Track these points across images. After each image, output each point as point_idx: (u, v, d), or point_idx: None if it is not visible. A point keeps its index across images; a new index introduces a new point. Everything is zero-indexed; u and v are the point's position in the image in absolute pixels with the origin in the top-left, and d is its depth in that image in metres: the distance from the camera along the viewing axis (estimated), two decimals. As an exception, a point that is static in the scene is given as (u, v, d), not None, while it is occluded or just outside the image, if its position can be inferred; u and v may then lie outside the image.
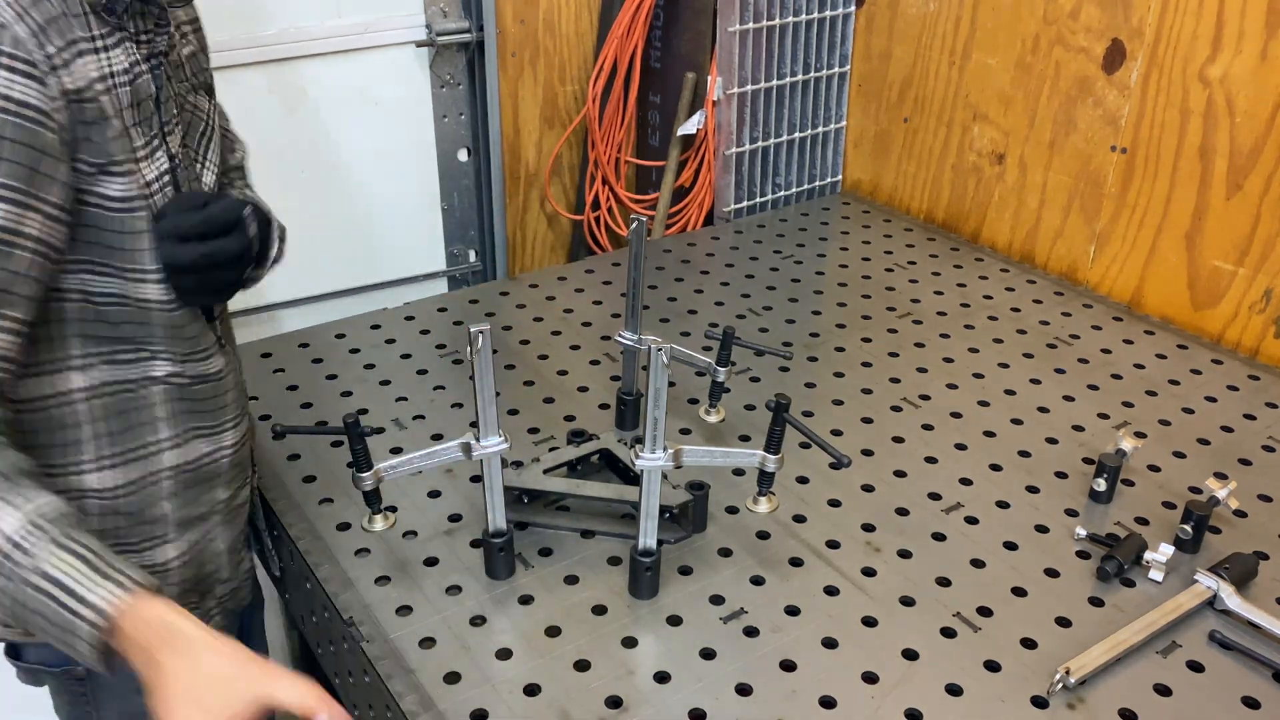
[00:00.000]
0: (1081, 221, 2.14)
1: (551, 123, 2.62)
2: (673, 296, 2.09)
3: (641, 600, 1.35)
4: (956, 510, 1.52)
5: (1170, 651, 1.29)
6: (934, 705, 1.21)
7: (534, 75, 2.54)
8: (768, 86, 2.46)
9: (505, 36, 2.45)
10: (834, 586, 1.38)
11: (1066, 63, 2.09)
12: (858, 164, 2.63)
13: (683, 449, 1.29)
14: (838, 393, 1.78)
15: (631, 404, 1.66)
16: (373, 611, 1.33)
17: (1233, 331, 1.95)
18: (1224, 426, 1.70)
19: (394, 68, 2.38)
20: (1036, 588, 1.38)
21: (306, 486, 1.55)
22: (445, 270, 2.62)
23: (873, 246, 2.31)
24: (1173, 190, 1.98)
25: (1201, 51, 1.87)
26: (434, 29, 2.36)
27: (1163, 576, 1.38)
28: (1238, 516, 1.51)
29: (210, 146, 1.27)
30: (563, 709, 1.19)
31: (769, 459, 1.37)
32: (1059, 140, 2.14)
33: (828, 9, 2.47)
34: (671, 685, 1.23)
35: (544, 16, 2.49)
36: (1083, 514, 1.51)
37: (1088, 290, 2.14)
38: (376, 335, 1.95)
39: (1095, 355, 1.90)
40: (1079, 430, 1.69)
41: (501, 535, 1.36)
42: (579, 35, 2.56)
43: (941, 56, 2.33)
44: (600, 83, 2.52)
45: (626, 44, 2.49)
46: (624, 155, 2.67)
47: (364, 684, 1.31)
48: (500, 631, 1.30)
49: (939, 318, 2.02)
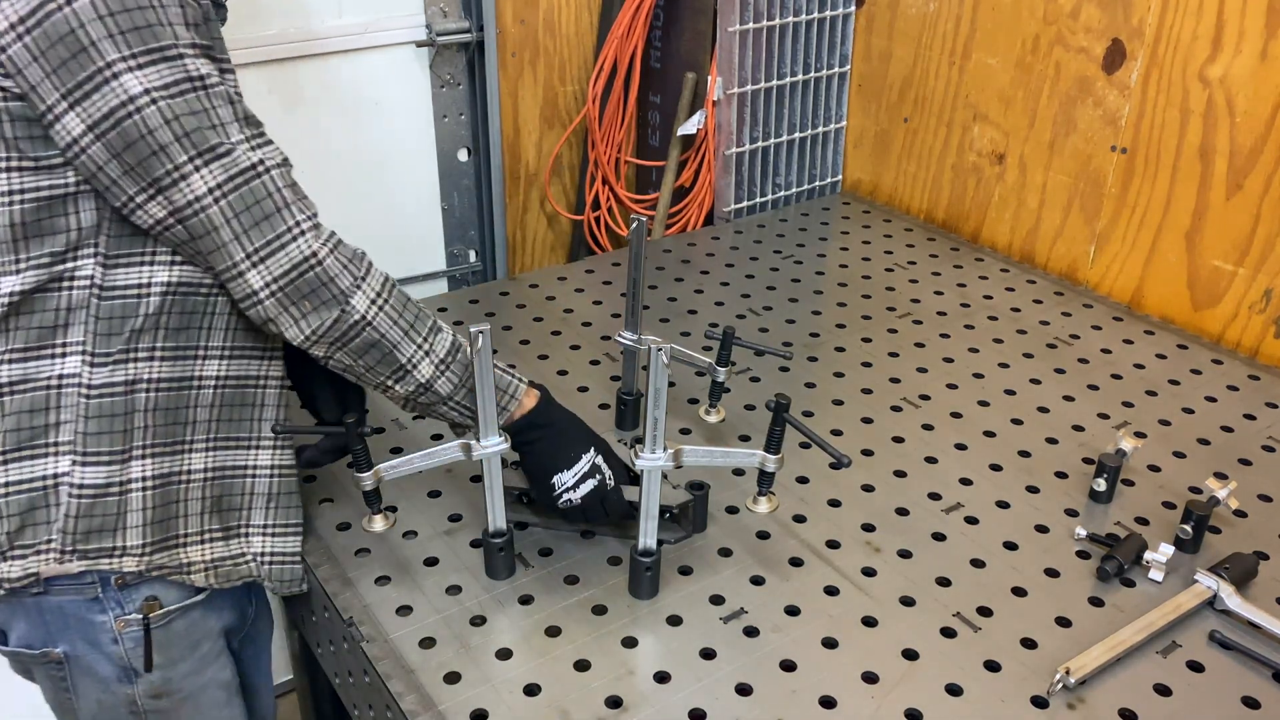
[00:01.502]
0: (1081, 221, 2.14)
1: (551, 123, 2.62)
2: (673, 296, 2.09)
3: (641, 600, 1.35)
4: (956, 510, 1.52)
5: (1170, 651, 1.29)
6: (934, 705, 1.21)
7: (534, 75, 2.54)
8: (768, 86, 2.46)
9: (505, 36, 2.45)
10: (834, 586, 1.38)
11: (1067, 63, 2.09)
12: (858, 164, 2.63)
13: (683, 449, 1.29)
14: (838, 393, 1.78)
15: (631, 404, 1.66)
16: (373, 611, 1.33)
17: (1233, 331, 1.95)
18: (1224, 426, 1.70)
19: (394, 68, 2.38)
20: (1036, 588, 1.38)
21: (306, 486, 1.55)
22: (445, 270, 2.62)
23: (873, 246, 2.31)
24: (1173, 190, 1.98)
25: (1201, 51, 1.87)
26: (434, 29, 2.36)
27: (1163, 576, 1.38)
28: (1238, 516, 1.51)
29: None
30: (563, 709, 1.19)
31: (769, 459, 1.37)
32: (1059, 140, 2.14)
33: (828, 9, 2.47)
34: (671, 685, 1.23)
35: (544, 16, 2.49)
36: (1083, 514, 1.51)
37: (1088, 290, 2.14)
38: (376, 335, 1.94)
39: (1095, 355, 1.90)
40: (1079, 430, 1.69)
41: (501, 535, 1.36)
42: (579, 35, 2.56)
43: (941, 56, 2.33)
44: (600, 83, 2.52)
45: (626, 44, 2.49)
46: (624, 155, 2.67)
47: (364, 684, 1.31)
48: (500, 631, 1.30)
49: (939, 318, 2.02)
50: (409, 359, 1.27)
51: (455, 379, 1.31)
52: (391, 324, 1.25)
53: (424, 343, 1.28)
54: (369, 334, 1.23)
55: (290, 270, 1.18)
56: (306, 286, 1.19)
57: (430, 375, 1.29)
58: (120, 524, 1.26)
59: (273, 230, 1.17)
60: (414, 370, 1.28)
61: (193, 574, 1.32)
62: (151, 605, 1.30)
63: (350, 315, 1.21)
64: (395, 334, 1.25)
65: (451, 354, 1.31)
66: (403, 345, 1.26)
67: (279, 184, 1.18)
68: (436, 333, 1.30)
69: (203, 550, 1.33)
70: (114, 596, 1.28)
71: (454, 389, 1.31)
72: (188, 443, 1.29)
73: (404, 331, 1.26)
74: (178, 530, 1.30)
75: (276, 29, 2.19)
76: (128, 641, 1.31)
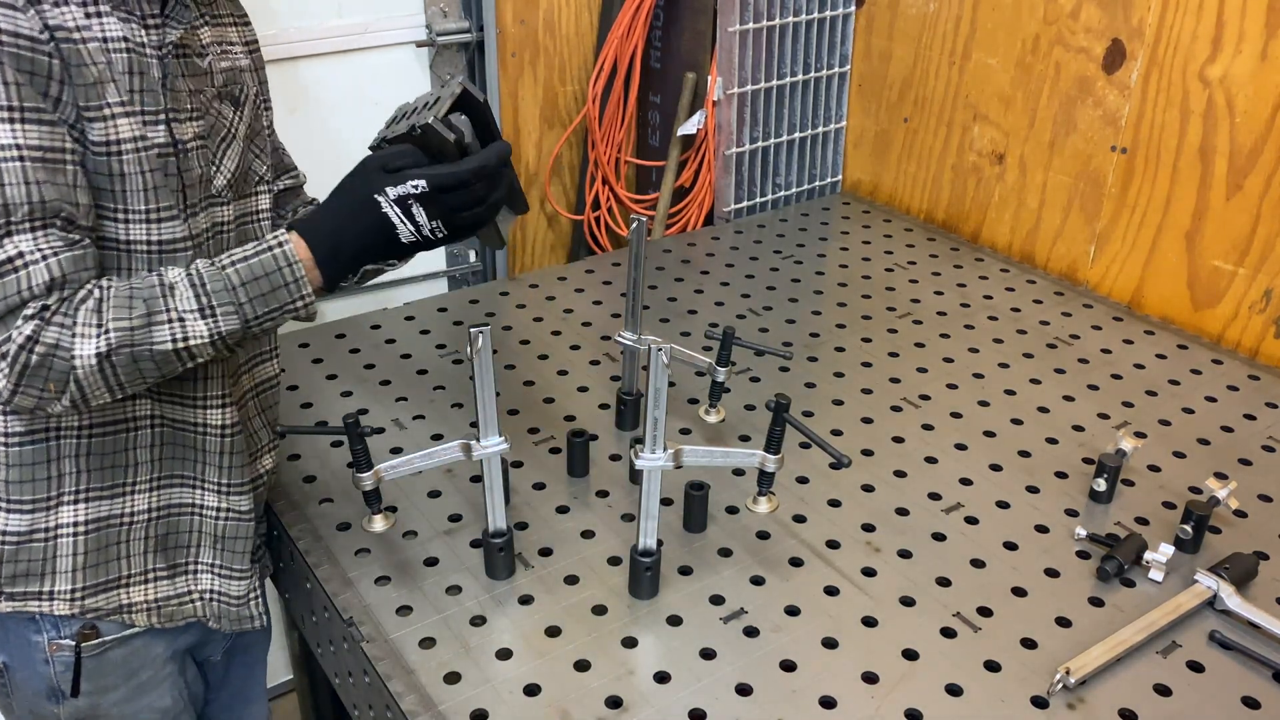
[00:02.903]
0: (1081, 221, 2.14)
1: (551, 123, 2.62)
2: (673, 296, 2.09)
3: (641, 600, 1.35)
4: (956, 510, 1.52)
5: (1170, 651, 1.29)
6: (934, 705, 1.21)
7: (534, 75, 2.54)
8: (768, 86, 2.46)
9: (505, 36, 2.45)
10: (834, 586, 1.38)
11: (1067, 63, 2.09)
12: (858, 164, 2.63)
13: (683, 449, 1.29)
14: (838, 393, 1.78)
15: (631, 404, 1.66)
16: (373, 611, 1.33)
17: (1233, 331, 1.95)
18: (1224, 426, 1.70)
19: (394, 68, 2.38)
20: (1036, 588, 1.38)
21: (306, 487, 1.55)
22: (445, 270, 2.62)
23: (873, 246, 2.31)
24: (1173, 190, 1.98)
25: (1201, 51, 1.87)
26: (434, 29, 2.36)
27: (1163, 576, 1.38)
28: (1238, 516, 1.51)
29: (228, 154, 1.29)
30: (563, 709, 1.19)
31: (769, 459, 1.37)
32: (1059, 140, 2.14)
33: (828, 9, 2.47)
34: (671, 685, 1.23)
35: (544, 16, 2.49)
36: (1083, 514, 1.51)
37: (1088, 290, 2.14)
38: (376, 335, 1.95)
39: (1095, 355, 1.90)
40: (1079, 430, 1.69)
41: (501, 535, 1.36)
42: (579, 35, 2.56)
43: (941, 56, 2.33)
44: (600, 83, 2.52)
45: (626, 44, 2.49)
46: (624, 155, 2.67)
47: (364, 684, 1.31)
48: (500, 631, 1.30)
49: (939, 318, 2.02)
50: (173, 339, 1.12)
51: (231, 304, 1.15)
52: (128, 330, 1.10)
53: (170, 312, 1.12)
54: (119, 357, 1.10)
55: (15, 359, 1.07)
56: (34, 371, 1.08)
57: (207, 330, 1.13)
58: (48, 569, 1.25)
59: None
60: (188, 342, 1.13)
61: (134, 614, 1.32)
62: (87, 635, 1.30)
63: (85, 362, 1.09)
64: (142, 336, 1.11)
65: (202, 292, 1.14)
66: (156, 333, 1.11)
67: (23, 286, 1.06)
68: (170, 290, 1.13)
69: (146, 590, 1.32)
70: (51, 620, 1.29)
71: (245, 316, 1.15)
72: (129, 484, 1.27)
73: (145, 322, 1.11)
74: (119, 572, 1.30)
75: (276, 29, 2.19)
76: (58, 665, 1.31)
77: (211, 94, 1.26)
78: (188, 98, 1.21)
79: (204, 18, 1.27)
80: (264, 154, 1.39)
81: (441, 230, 1.22)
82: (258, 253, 1.17)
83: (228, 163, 1.29)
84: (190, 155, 1.21)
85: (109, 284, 1.12)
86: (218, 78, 1.28)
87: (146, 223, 1.17)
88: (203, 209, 1.24)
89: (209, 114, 1.25)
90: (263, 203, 1.38)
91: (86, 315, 1.09)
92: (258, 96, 1.38)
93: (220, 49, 1.29)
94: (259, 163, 1.37)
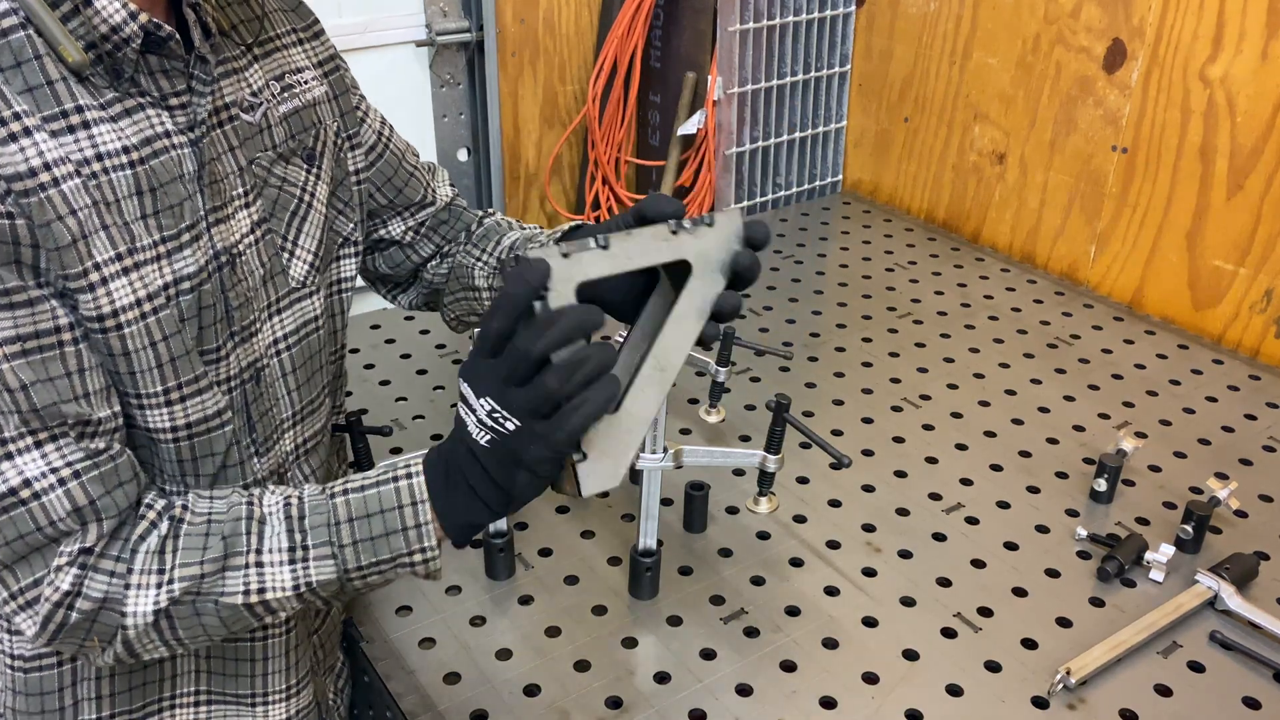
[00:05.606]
0: (1082, 221, 2.14)
1: (551, 123, 2.62)
2: (673, 296, 2.09)
3: (641, 600, 1.35)
4: (957, 510, 1.51)
5: (1171, 652, 1.29)
6: (934, 705, 1.21)
7: (534, 75, 2.54)
8: (768, 86, 2.46)
9: (505, 36, 2.45)
10: (834, 586, 1.38)
11: (1067, 62, 2.09)
12: (858, 164, 2.63)
13: (683, 449, 1.29)
14: (838, 393, 1.78)
15: (631, 404, 1.66)
16: (373, 611, 1.33)
17: (1233, 331, 1.95)
18: (1225, 426, 1.70)
19: (394, 68, 2.37)
20: (1037, 588, 1.38)
21: (306, 486, 1.55)
22: (445, 270, 2.62)
23: (873, 246, 2.31)
24: (1173, 190, 1.97)
25: (1202, 51, 1.87)
26: (434, 29, 2.36)
27: (1163, 577, 1.38)
28: (1238, 517, 1.51)
29: (305, 230, 1.04)
30: (563, 709, 1.19)
31: (769, 459, 1.37)
32: (1059, 140, 2.14)
33: (828, 8, 2.47)
34: (671, 685, 1.23)
35: (544, 16, 2.49)
36: (1083, 514, 1.51)
37: (1088, 290, 2.14)
38: (376, 335, 1.94)
39: (1096, 355, 1.90)
40: (1079, 430, 1.69)
41: (501, 535, 1.36)
42: (579, 35, 2.55)
43: (942, 56, 2.33)
44: (600, 83, 2.51)
45: (626, 44, 2.48)
46: (624, 155, 2.67)
47: (364, 684, 1.30)
48: (500, 631, 1.30)
49: (939, 318, 2.02)
50: (246, 589, 0.90)
51: (328, 544, 0.92)
52: (196, 578, 0.89)
53: (250, 554, 0.91)
54: (180, 609, 0.89)
55: (50, 616, 0.87)
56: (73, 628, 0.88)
57: (292, 578, 0.91)
58: None
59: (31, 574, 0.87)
60: (264, 595, 0.91)
61: None
62: None
63: (138, 622, 0.89)
64: (212, 584, 0.90)
65: (298, 527, 0.92)
66: (230, 580, 0.90)
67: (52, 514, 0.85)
68: (260, 525, 0.92)
69: None
70: None
71: (347, 564, 0.92)
72: (163, 701, 1.07)
73: (219, 567, 0.90)
74: None
75: (276, 29, 2.19)
76: None
77: (271, 157, 1.01)
78: (238, 178, 0.97)
79: (250, 52, 1.02)
80: (350, 206, 1.15)
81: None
82: (378, 483, 0.94)
83: (307, 241, 1.04)
84: (244, 259, 0.97)
85: (185, 510, 0.91)
86: (277, 131, 1.02)
87: (167, 405, 0.93)
88: (272, 314, 1.01)
89: (268, 186, 1.01)
90: (346, 270, 1.13)
91: (146, 560, 0.88)
92: (339, 135, 1.12)
93: (280, 86, 1.04)
94: (343, 220, 1.13)
